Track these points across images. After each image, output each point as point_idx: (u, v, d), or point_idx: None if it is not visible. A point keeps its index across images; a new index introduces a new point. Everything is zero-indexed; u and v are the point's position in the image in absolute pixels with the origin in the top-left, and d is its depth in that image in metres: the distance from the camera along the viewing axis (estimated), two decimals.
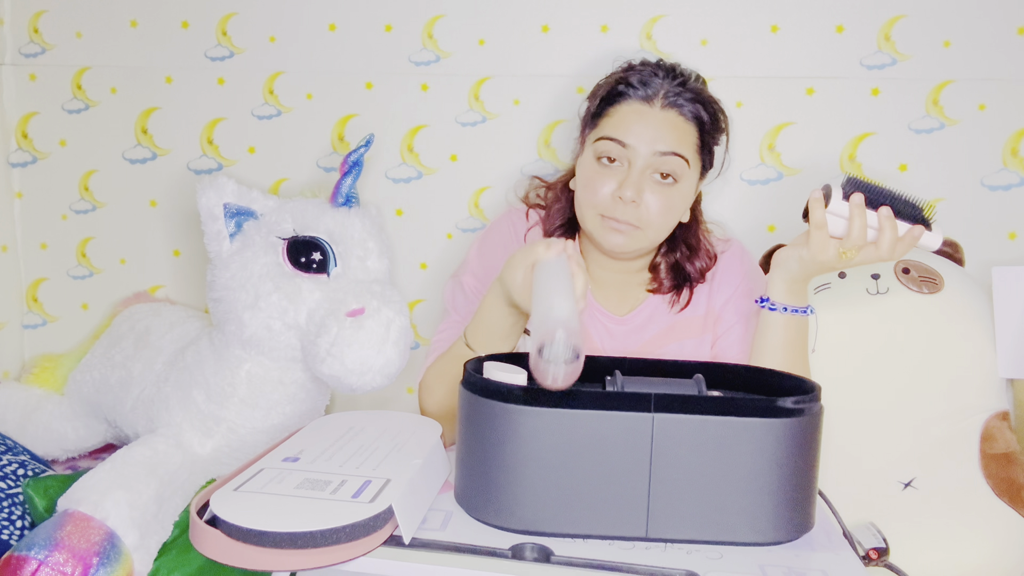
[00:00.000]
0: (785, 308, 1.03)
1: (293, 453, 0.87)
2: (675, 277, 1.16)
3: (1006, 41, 1.30)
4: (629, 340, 1.16)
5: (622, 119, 1.06)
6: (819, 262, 0.98)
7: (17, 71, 1.47)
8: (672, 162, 1.05)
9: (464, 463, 0.82)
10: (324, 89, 1.42)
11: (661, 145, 1.04)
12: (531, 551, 0.75)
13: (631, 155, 1.05)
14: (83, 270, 1.51)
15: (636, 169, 1.04)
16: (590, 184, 1.07)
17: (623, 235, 1.06)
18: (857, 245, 0.94)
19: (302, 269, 1.13)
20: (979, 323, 1.20)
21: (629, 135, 1.05)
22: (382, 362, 1.07)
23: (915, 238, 0.95)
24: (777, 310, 1.04)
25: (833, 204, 0.95)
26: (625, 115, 1.06)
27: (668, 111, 1.06)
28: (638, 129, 1.05)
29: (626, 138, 1.05)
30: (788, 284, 1.03)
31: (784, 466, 0.77)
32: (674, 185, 1.06)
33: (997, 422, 1.17)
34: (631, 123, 1.05)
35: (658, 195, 1.05)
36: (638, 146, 1.04)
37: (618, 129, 1.06)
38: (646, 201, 1.05)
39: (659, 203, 1.05)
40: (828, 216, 0.96)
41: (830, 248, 0.96)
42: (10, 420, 1.32)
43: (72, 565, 0.90)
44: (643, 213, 1.05)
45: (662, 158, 1.04)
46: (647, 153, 1.04)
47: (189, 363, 1.17)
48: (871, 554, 1.02)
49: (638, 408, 0.76)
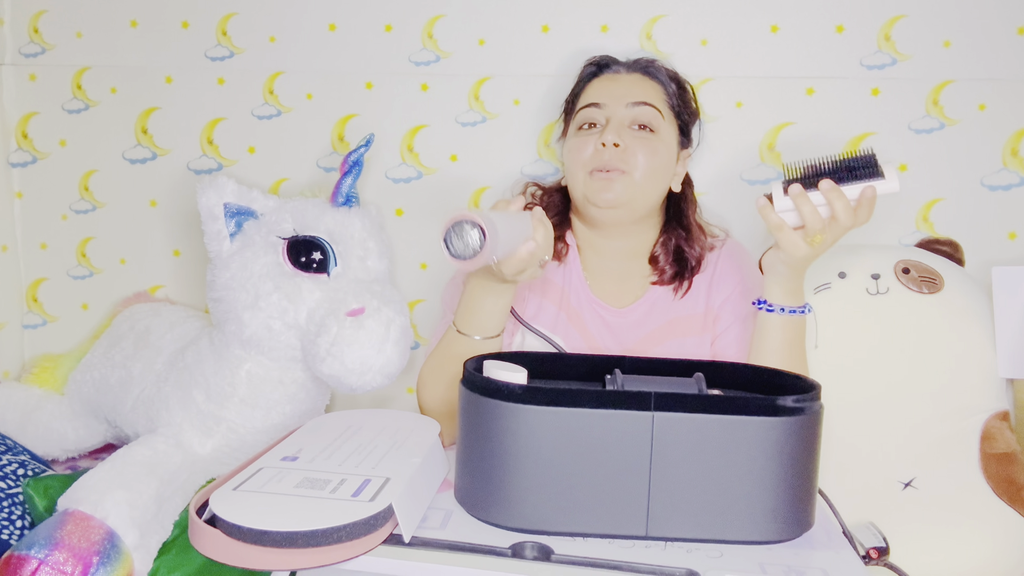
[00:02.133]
0: (783, 309, 1.04)
1: (292, 452, 0.87)
2: (676, 263, 1.17)
3: (1006, 41, 1.30)
4: (628, 334, 1.16)
5: (594, 89, 1.17)
6: (798, 258, 0.98)
7: (17, 71, 1.47)
8: (646, 112, 1.12)
9: (464, 462, 0.82)
10: (324, 89, 1.42)
11: (631, 97, 1.13)
12: (531, 550, 0.75)
13: (607, 112, 1.13)
14: (83, 270, 1.51)
15: (614, 121, 1.12)
16: (575, 149, 1.13)
17: (613, 184, 1.09)
18: (816, 228, 0.95)
19: (302, 269, 1.13)
20: (979, 323, 1.20)
21: (601, 95, 1.15)
22: (382, 362, 1.07)
23: (872, 196, 0.94)
24: (775, 311, 1.04)
25: (779, 203, 0.96)
26: (596, 86, 1.18)
27: (633, 73, 1.18)
28: (610, 89, 1.15)
29: (599, 98, 1.14)
30: (782, 286, 1.03)
31: (784, 465, 0.77)
32: (653, 135, 1.12)
33: (997, 422, 1.17)
34: (603, 87, 1.17)
35: (640, 141, 1.11)
36: (610, 103, 1.13)
37: (591, 96, 1.16)
38: (629, 146, 1.10)
39: (642, 148, 1.10)
40: (782, 215, 0.97)
41: (799, 243, 0.97)
42: (10, 420, 1.32)
43: (72, 564, 0.90)
44: (628, 156, 1.10)
45: (635, 108, 1.12)
46: (620, 107, 1.12)
47: (189, 363, 1.17)
48: (871, 553, 1.02)
49: (638, 407, 0.76)
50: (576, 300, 1.17)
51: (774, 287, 1.04)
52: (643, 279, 1.19)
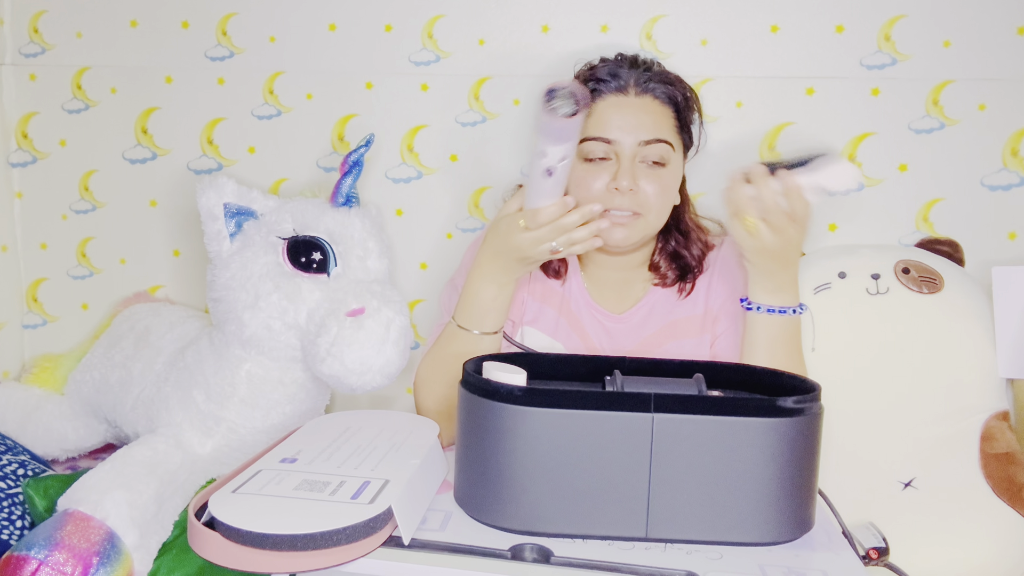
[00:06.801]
0: (759, 307, 1.03)
1: (291, 454, 0.87)
2: (677, 267, 1.17)
3: (1006, 41, 1.30)
4: (627, 338, 1.16)
5: (600, 115, 1.08)
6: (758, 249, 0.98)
7: (17, 71, 1.47)
8: (658, 149, 1.07)
9: (464, 463, 0.82)
10: (324, 89, 1.42)
11: (644, 134, 1.06)
12: (531, 551, 0.75)
13: (617, 149, 1.06)
14: (83, 270, 1.51)
15: (626, 159, 1.06)
16: (583, 183, 1.07)
17: (625, 227, 1.07)
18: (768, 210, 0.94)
19: (302, 269, 1.13)
20: (979, 323, 1.20)
21: (611, 130, 1.06)
22: (382, 362, 1.07)
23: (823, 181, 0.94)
24: (752, 310, 1.04)
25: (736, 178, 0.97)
26: (603, 111, 1.08)
27: (643, 97, 1.09)
28: (618, 121, 1.07)
29: (609, 134, 1.06)
30: (759, 284, 1.02)
31: (784, 466, 0.77)
32: (664, 168, 1.08)
33: (997, 422, 1.17)
34: (610, 117, 1.07)
35: (651, 179, 1.07)
36: (622, 139, 1.06)
37: (599, 127, 1.07)
38: (642, 187, 1.06)
39: (654, 187, 1.07)
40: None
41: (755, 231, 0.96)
42: (10, 420, 1.32)
43: (72, 565, 0.90)
44: (642, 199, 1.06)
45: (648, 147, 1.06)
46: (632, 144, 1.06)
47: (189, 363, 1.17)
48: (871, 554, 1.02)
49: (638, 408, 0.76)
50: (575, 305, 1.17)
51: (753, 284, 1.03)
52: (644, 283, 1.18)
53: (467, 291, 1.07)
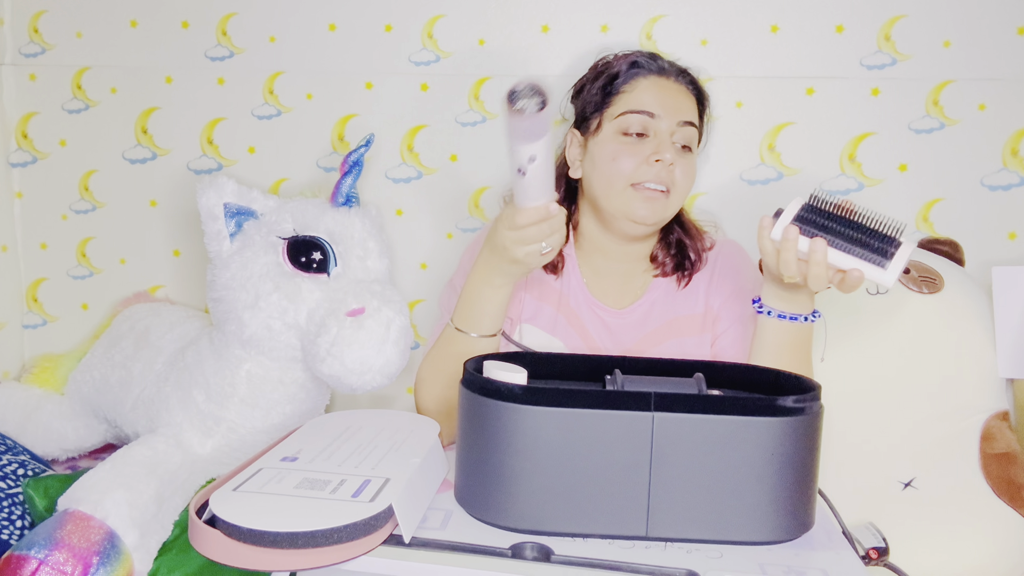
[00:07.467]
0: (770, 312, 1.02)
1: (291, 453, 0.87)
2: (677, 254, 1.17)
3: (1006, 41, 1.30)
4: (627, 335, 1.16)
5: (644, 91, 1.10)
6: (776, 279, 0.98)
7: (17, 71, 1.47)
8: (689, 132, 1.11)
9: (464, 462, 0.82)
10: (324, 89, 1.42)
11: (682, 114, 1.10)
12: (531, 550, 0.75)
13: (659, 125, 1.08)
14: (83, 270, 1.51)
15: (665, 135, 1.08)
16: (618, 157, 1.08)
17: (654, 203, 1.08)
18: (789, 275, 0.93)
19: (302, 269, 1.13)
20: (979, 323, 1.20)
21: (655, 106, 1.09)
22: (382, 362, 1.07)
23: (858, 278, 0.90)
24: (763, 313, 1.03)
25: (776, 230, 0.93)
26: (646, 88, 1.11)
27: (679, 82, 1.13)
28: (662, 99, 1.10)
29: (653, 108, 1.09)
30: (775, 291, 1.02)
31: (784, 465, 0.77)
32: (690, 154, 1.12)
33: (997, 422, 1.17)
34: (654, 94, 1.10)
35: (682, 161, 1.09)
36: (664, 115, 1.08)
37: (643, 102, 1.09)
38: (676, 166, 1.08)
39: (683, 169, 1.09)
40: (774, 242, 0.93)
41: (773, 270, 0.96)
42: (10, 420, 1.32)
43: (72, 564, 0.90)
44: (676, 176, 1.08)
45: (682, 128, 1.09)
46: (672, 122, 1.09)
47: (189, 363, 1.17)
48: (871, 554, 1.02)
49: (638, 407, 0.76)
50: (575, 301, 1.17)
51: (768, 290, 1.03)
52: (644, 276, 1.19)
53: (464, 293, 1.07)
